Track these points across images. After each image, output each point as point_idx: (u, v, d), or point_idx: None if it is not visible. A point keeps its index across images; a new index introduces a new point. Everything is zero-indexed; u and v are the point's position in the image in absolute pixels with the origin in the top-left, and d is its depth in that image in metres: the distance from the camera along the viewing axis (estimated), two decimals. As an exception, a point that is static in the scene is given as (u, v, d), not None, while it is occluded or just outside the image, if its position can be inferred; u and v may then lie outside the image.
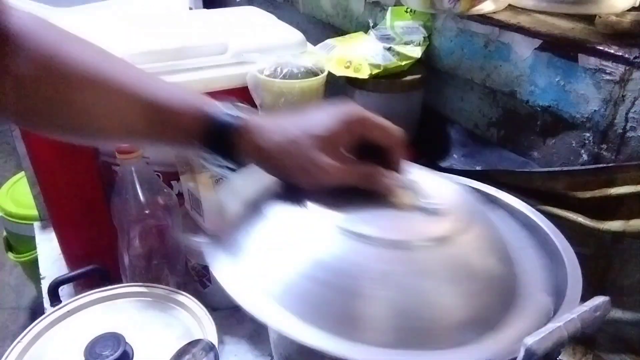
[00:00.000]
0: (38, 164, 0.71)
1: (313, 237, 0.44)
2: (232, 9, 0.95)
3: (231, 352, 0.69)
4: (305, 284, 0.42)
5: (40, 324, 0.61)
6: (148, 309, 0.64)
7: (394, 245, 0.42)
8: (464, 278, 0.42)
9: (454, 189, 0.52)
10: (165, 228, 0.68)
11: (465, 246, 0.44)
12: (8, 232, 1.54)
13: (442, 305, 0.41)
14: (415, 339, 0.39)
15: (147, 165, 0.68)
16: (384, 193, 0.47)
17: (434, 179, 0.53)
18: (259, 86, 0.72)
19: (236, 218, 0.50)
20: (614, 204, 0.56)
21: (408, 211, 0.46)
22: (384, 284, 0.40)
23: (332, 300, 0.41)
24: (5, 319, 1.75)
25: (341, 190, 0.47)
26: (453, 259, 0.43)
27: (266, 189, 0.51)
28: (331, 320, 0.40)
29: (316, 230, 0.44)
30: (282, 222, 0.47)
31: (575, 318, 0.37)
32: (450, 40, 0.76)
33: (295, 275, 0.42)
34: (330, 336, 0.39)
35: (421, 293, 0.41)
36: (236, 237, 0.48)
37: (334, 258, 0.42)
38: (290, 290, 0.42)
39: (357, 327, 0.40)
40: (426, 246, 0.43)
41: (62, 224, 0.76)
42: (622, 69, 0.55)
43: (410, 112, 0.80)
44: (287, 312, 0.41)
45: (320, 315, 0.40)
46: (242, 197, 0.52)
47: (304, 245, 0.44)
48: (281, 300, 0.42)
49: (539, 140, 0.68)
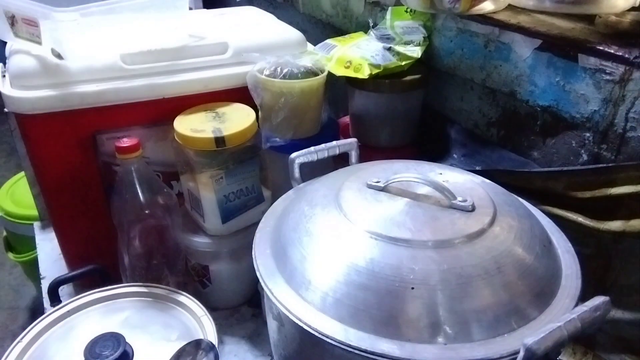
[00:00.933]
0: (38, 164, 0.71)
1: (347, 243, 0.45)
2: (232, 9, 0.95)
3: (231, 352, 0.69)
4: (343, 288, 0.43)
5: (40, 324, 0.61)
6: (148, 309, 0.64)
7: (425, 245, 0.43)
8: (504, 269, 0.43)
9: (475, 180, 0.53)
10: (165, 228, 0.68)
11: (501, 238, 0.45)
12: (8, 232, 1.54)
13: (491, 295, 0.41)
14: (472, 331, 0.40)
15: (147, 165, 0.68)
16: None
17: (454, 173, 0.54)
18: (259, 86, 0.73)
19: None
20: (614, 204, 0.56)
21: (438, 210, 0.47)
22: (431, 283, 0.41)
23: (372, 303, 0.42)
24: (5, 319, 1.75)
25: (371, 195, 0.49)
26: (491, 251, 0.43)
27: None
28: (372, 322, 0.41)
29: (359, 242, 0.45)
30: (317, 229, 0.48)
31: (575, 318, 0.37)
32: (450, 40, 0.76)
33: (332, 281, 0.44)
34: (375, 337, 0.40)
35: (469, 287, 0.41)
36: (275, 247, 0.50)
37: (380, 266, 0.43)
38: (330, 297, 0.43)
39: (413, 327, 0.41)
40: (461, 242, 0.44)
41: (62, 224, 0.76)
42: (622, 69, 0.55)
43: (410, 112, 0.80)
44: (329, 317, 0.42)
45: (360, 318, 0.41)
46: None
47: (339, 252, 0.45)
48: (322, 307, 0.43)
49: (539, 140, 0.68)
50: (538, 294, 0.43)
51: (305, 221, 0.49)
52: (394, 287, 0.41)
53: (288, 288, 0.46)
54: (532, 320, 0.41)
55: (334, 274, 0.44)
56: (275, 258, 0.49)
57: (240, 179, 0.70)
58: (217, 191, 0.69)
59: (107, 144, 0.70)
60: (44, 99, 0.65)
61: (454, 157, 0.76)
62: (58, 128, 0.68)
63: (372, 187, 0.51)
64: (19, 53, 0.67)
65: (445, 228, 0.45)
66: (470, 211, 0.47)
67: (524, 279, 0.43)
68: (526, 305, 0.42)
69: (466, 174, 0.55)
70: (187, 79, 0.72)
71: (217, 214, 0.70)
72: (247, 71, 0.73)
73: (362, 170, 0.56)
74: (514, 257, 0.44)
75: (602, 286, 0.61)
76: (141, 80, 0.69)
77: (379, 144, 0.81)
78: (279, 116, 0.72)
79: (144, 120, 0.72)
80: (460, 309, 0.41)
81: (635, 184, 0.54)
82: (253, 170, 0.72)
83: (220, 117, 0.70)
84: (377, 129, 0.81)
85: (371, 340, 0.40)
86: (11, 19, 0.65)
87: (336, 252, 0.45)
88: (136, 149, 0.64)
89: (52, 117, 0.66)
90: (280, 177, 0.72)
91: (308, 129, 0.76)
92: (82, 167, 0.71)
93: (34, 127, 0.67)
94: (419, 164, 0.57)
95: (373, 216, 0.47)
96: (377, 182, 0.51)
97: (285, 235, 0.50)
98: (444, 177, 0.52)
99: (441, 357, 0.39)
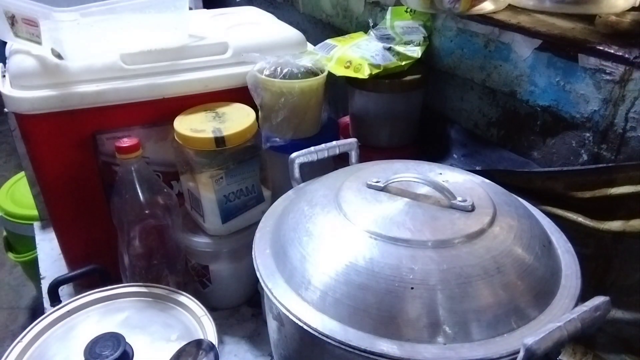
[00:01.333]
0: (38, 164, 0.71)
1: (347, 243, 0.45)
2: (232, 8, 0.95)
3: (231, 352, 0.69)
4: (342, 288, 0.43)
5: (40, 324, 0.61)
6: (148, 309, 0.64)
7: (425, 245, 0.43)
8: (503, 269, 0.43)
9: (475, 180, 0.53)
10: (165, 228, 0.68)
11: (500, 238, 0.45)
12: (8, 232, 1.54)
13: (491, 295, 0.41)
14: (471, 331, 0.40)
15: (147, 165, 0.68)
16: None
17: (454, 173, 0.54)
18: (259, 86, 0.73)
19: None
20: (614, 204, 0.56)
21: (438, 210, 0.47)
22: (431, 283, 0.41)
23: (371, 303, 0.42)
24: (5, 319, 1.75)
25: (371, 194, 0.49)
26: (490, 251, 0.43)
27: None
28: (372, 322, 0.41)
29: (358, 241, 0.45)
30: (317, 229, 0.48)
31: (575, 318, 0.37)
32: (450, 40, 0.76)
33: (331, 281, 0.44)
34: (375, 337, 0.40)
35: (469, 286, 0.41)
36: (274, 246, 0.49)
37: (379, 265, 0.43)
38: (330, 297, 0.43)
39: (413, 327, 0.41)
40: (461, 242, 0.44)
41: (62, 224, 0.76)
42: (622, 69, 0.55)
43: (410, 112, 0.80)
44: (329, 317, 0.42)
45: (360, 318, 0.41)
46: None
47: (339, 252, 0.45)
48: (322, 307, 0.43)
49: (539, 140, 0.68)
50: (538, 294, 0.43)
51: (305, 221, 0.49)
52: (393, 287, 0.41)
53: (288, 288, 0.46)
54: (531, 320, 0.42)
55: (334, 273, 0.44)
56: (275, 258, 0.49)
57: (240, 179, 0.70)
58: (217, 191, 0.69)
59: (107, 144, 0.70)
60: (43, 99, 0.65)
61: (454, 157, 0.76)
62: (58, 128, 0.68)
63: (372, 187, 0.51)
64: (19, 53, 0.67)
65: (444, 228, 0.45)
66: (470, 211, 0.47)
67: (523, 279, 0.43)
68: (526, 305, 0.42)
69: (466, 174, 0.55)
70: (187, 79, 0.72)
71: (217, 214, 0.70)
72: (247, 71, 0.73)
73: (362, 170, 0.56)
74: (513, 257, 0.44)
75: (602, 286, 0.61)
76: (141, 80, 0.69)
77: (379, 144, 0.81)
78: (279, 116, 0.72)
79: (144, 120, 0.72)
80: (459, 309, 0.41)
81: (635, 184, 0.54)
82: (253, 170, 0.72)
83: (220, 117, 0.70)
84: (377, 129, 0.81)
85: (370, 340, 0.40)
86: (11, 19, 0.65)
87: (336, 251, 0.45)
88: (136, 149, 0.64)
89: (52, 117, 0.66)
90: (280, 177, 0.72)
91: (308, 129, 0.76)
92: (82, 167, 0.71)
93: (34, 127, 0.67)
94: (418, 164, 0.57)
95: (373, 216, 0.47)
96: (377, 182, 0.51)
97: (285, 235, 0.50)
98: (443, 177, 0.52)
99: (441, 357, 0.39)
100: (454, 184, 0.50)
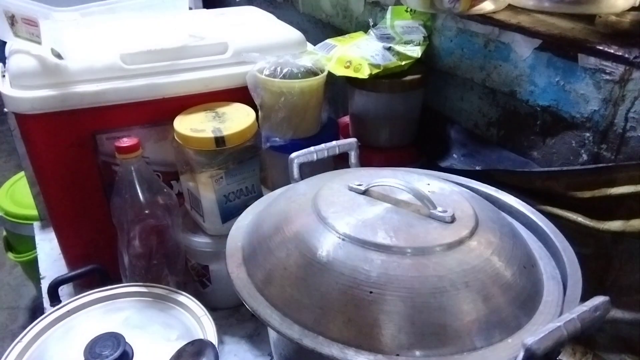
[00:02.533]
0: (38, 164, 0.71)
1: (320, 244, 0.45)
2: (232, 8, 0.95)
3: (231, 352, 0.69)
4: (311, 291, 0.42)
5: (40, 324, 0.61)
6: (148, 309, 0.64)
7: (392, 250, 0.43)
8: (473, 284, 0.41)
9: (463, 194, 0.52)
10: (165, 228, 0.68)
11: (475, 252, 0.43)
12: (8, 232, 1.54)
13: (453, 309, 0.40)
14: (428, 344, 0.39)
15: (147, 165, 0.68)
16: None
17: (442, 184, 0.53)
18: (258, 86, 0.73)
19: None
20: (614, 204, 0.56)
21: (415, 218, 0.46)
22: (392, 289, 0.40)
23: (339, 307, 0.41)
24: (5, 319, 1.75)
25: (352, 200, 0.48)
26: (462, 264, 0.42)
27: None
28: (339, 327, 0.40)
29: (324, 238, 0.45)
30: (292, 229, 0.48)
31: (575, 318, 0.37)
32: (450, 40, 0.76)
33: (300, 282, 0.43)
34: (338, 344, 0.40)
35: (432, 298, 0.40)
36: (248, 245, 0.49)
37: (340, 265, 0.42)
38: (294, 298, 0.43)
39: (367, 333, 0.40)
40: (432, 252, 0.43)
41: (62, 224, 0.76)
42: (622, 69, 0.55)
43: (410, 112, 0.80)
44: (291, 320, 0.42)
45: (326, 322, 0.41)
46: None
47: (311, 253, 0.44)
48: (287, 308, 0.43)
49: (539, 140, 0.68)
50: (507, 316, 0.41)
51: (279, 217, 0.49)
52: (351, 290, 0.41)
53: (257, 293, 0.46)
54: (497, 343, 0.40)
55: (294, 269, 0.44)
56: (247, 262, 0.49)
57: (240, 179, 0.70)
58: (217, 191, 0.69)
59: (107, 143, 0.70)
60: (43, 98, 0.65)
61: (454, 157, 0.75)
62: (58, 128, 0.68)
63: (353, 189, 0.51)
64: (19, 53, 0.67)
65: (417, 236, 0.44)
66: (448, 222, 0.45)
67: (493, 298, 0.41)
68: (492, 326, 0.40)
69: (456, 187, 0.53)
70: (187, 78, 0.72)
71: (217, 213, 0.70)
72: (247, 71, 0.73)
73: (349, 173, 0.56)
74: (486, 273, 0.42)
75: (602, 286, 0.61)
76: (141, 80, 0.69)
77: (379, 144, 0.81)
78: (279, 116, 0.72)
79: (144, 120, 0.72)
80: (418, 320, 0.39)
81: (635, 184, 0.54)
82: (253, 170, 0.72)
83: (220, 117, 0.70)
84: (377, 129, 0.81)
85: (339, 348, 0.39)
86: (11, 19, 0.65)
87: (299, 248, 0.45)
88: (136, 149, 0.64)
89: (52, 117, 0.66)
90: (280, 177, 0.72)
91: (308, 129, 0.76)
92: (82, 167, 0.71)
93: (34, 127, 0.67)
94: (408, 172, 0.56)
95: (347, 217, 0.46)
96: (359, 185, 0.51)
97: (257, 231, 0.50)
98: (430, 187, 0.51)
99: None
100: (438, 195, 0.50)
